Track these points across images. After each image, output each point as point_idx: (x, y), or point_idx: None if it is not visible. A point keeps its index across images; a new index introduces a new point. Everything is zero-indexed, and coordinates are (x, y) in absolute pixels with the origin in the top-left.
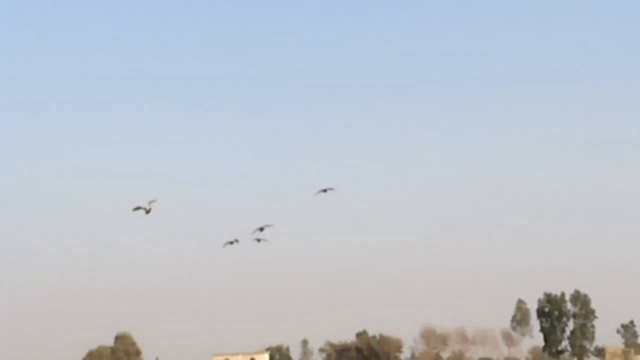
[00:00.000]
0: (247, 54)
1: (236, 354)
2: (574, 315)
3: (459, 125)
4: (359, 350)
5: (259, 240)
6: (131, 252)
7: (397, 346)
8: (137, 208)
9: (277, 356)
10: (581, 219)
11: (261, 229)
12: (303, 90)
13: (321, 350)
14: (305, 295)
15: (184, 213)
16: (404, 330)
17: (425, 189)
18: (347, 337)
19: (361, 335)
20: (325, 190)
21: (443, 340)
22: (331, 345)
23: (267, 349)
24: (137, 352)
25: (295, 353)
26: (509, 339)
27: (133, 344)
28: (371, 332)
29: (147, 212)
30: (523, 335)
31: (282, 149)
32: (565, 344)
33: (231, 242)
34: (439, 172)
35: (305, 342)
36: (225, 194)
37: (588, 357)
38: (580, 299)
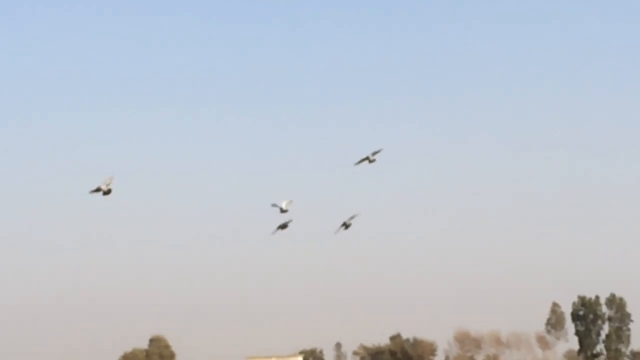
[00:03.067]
0: (244, 52)
1: (270, 357)
2: (609, 319)
3: (483, 120)
4: (392, 353)
5: (346, 227)
6: (166, 255)
7: (431, 349)
8: (97, 190)
9: (311, 359)
10: (617, 221)
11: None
12: (302, 89)
13: (355, 353)
14: (339, 299)
15: (219, 217)
16: (438, 333)
17: (457, 189)
18: (381, 340)
19: (395, 338)
20: (370, 161)
21: (477, 343)
22: (365, 348)
23: (300, 352)
24: (172, 355)
25: (328, 356)
26: (543, 343)
27: (167, 347)
28: (405, 335)
29: (106, 193)
30: (558, 338)
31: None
32: (600, 347)
33: (283, 226)
34: (472, 172)
35: (338, 346)
36: (249, 197)
37: None
38: (615, 302)
